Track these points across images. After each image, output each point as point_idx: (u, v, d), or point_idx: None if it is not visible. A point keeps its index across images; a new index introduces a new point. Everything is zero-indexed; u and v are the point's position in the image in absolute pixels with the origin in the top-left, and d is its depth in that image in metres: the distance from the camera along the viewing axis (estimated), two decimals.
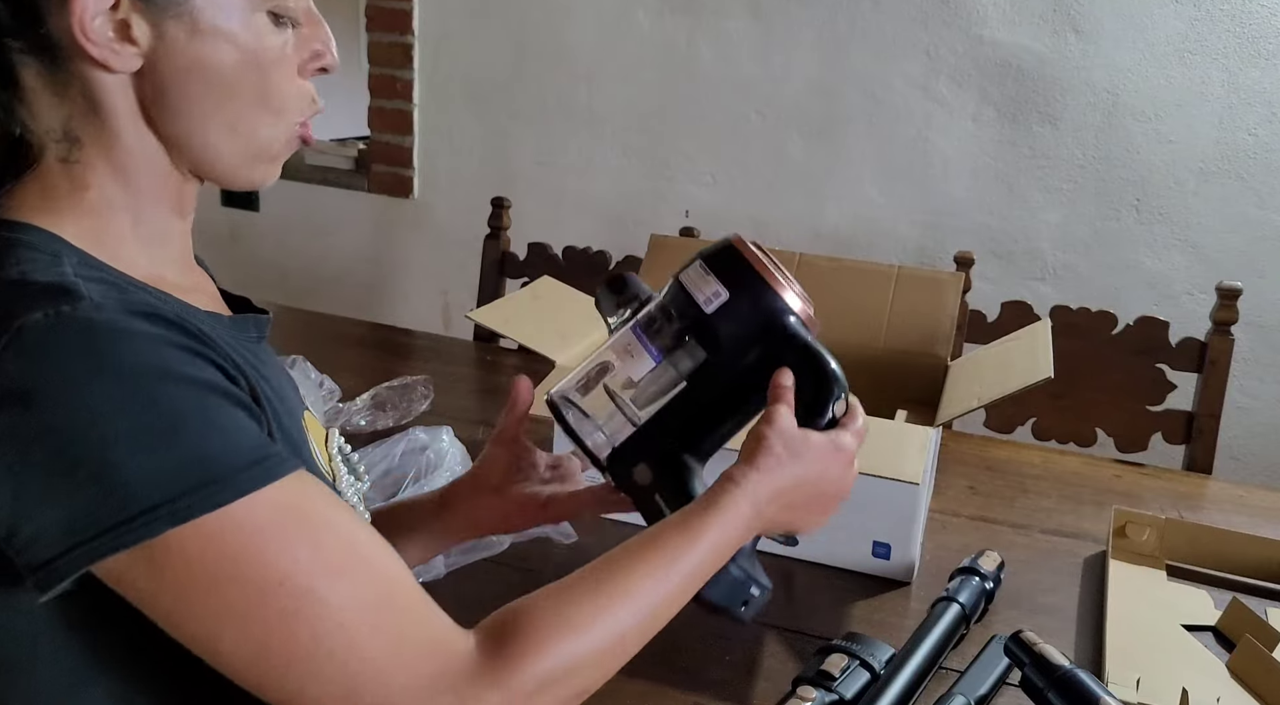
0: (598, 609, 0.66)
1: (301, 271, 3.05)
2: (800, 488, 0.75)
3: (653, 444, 0.76)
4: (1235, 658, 1.04)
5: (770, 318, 0.74)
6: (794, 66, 2.48)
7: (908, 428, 1.19)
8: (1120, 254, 2.34)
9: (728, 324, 0.74)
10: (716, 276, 0.74)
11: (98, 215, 0.64)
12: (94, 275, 0.59)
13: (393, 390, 1.56)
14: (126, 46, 0.61)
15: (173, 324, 0.58)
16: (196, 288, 0.71)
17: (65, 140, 0.63)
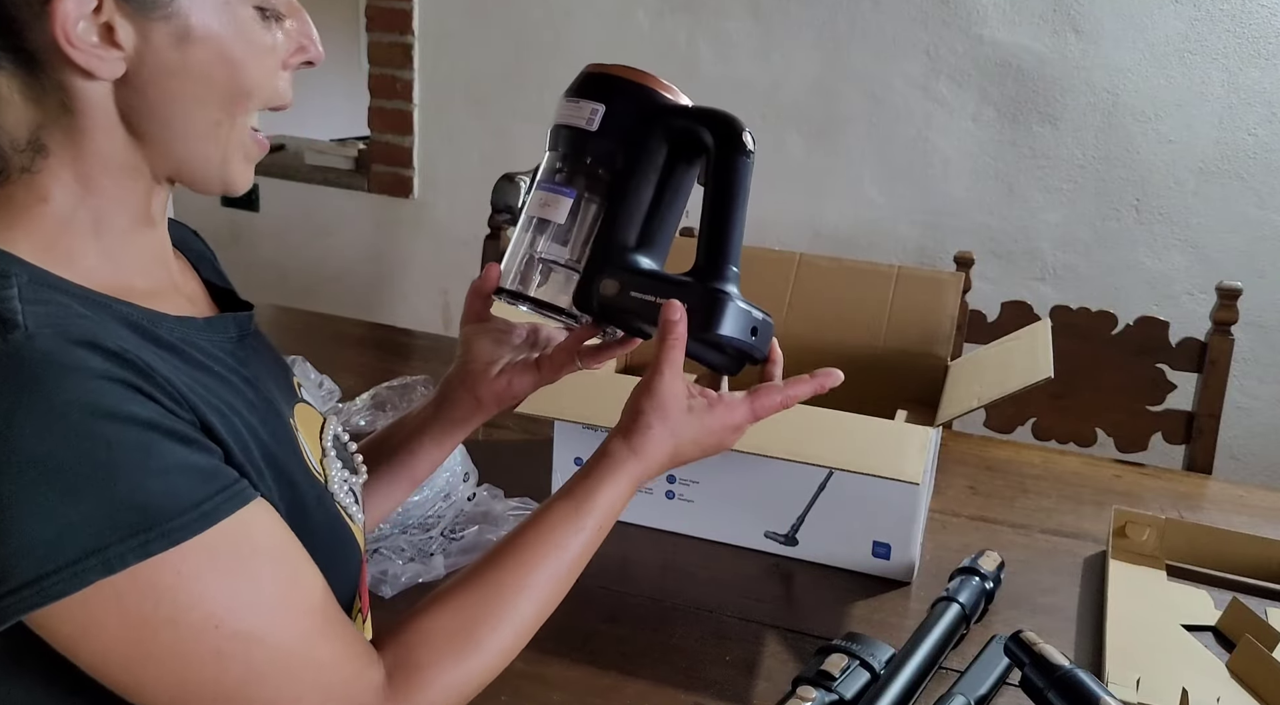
0: (496, 620, 0.68)
1: (301, 271, 3.05)
2: (678, 456, 0.76)
3: (601, 262, 0.76)
4: (1235, 658, 1.04)
5: (648, 101, 0.76)
6: (794, 66, 2.48)
7: (908, 428, 1.19)
8: (1120, 254, 2.34)
9: (616, 128, 0.76)
10: (587, 98, 0.77)
11: (57, 226, 0.62)
12: (41, 297, 0.57)
13: (393, 390, 1.56)
14: (111, 51, 0.59)
15: (113, 355, 0.55)
16: (171, 290, 0.70)
17: (30, 149, 0.61)
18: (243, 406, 0.65)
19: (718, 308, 0.73)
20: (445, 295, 2.91)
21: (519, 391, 0.90)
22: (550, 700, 0.97)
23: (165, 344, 0.62)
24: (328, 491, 0.73)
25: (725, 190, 0.76)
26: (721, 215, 0.75)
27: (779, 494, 1.21)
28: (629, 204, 0.76)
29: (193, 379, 0.62)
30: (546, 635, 1.05)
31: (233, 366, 0.68)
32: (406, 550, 1.17)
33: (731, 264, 0.75)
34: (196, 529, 0.55)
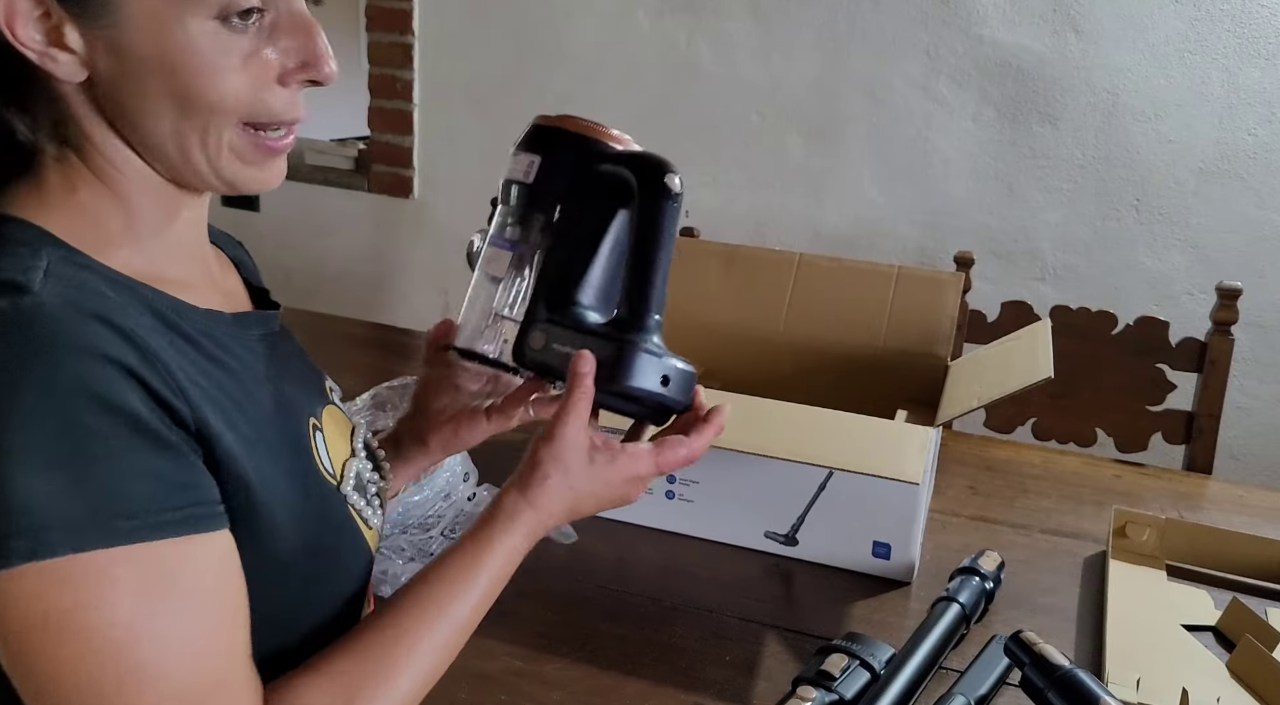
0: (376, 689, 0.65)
1: (302, 271, 3.05)
2: (577, 508, 0.75)
3: (535, 312, 0.76)
4: (1235, 658, 1.04)
5: (582, 150, 0.75)
6: (794, 66, 2.48)
7: (908, 428, 1.19)
8: (1120, 254, 2.34)
9: (550, 179, 0.75)
10: (527, 151, 0.76)
11: (88, 214, 0.63)
12: (67, 273, 0.58)
13: (393, 390, 1.56)
14: (63, 54, 0.60)
15: (120, 332, 0.56)
16: (206, 284, 0.71)
17: (55, 141, 0.63)
18: (249, 402, 0.65)
19: (625, 359, 0.71)
20: (445, 295, 2.91)
21: (466, 440, 0.89)
22: (550, 700, 0.97)
23: (184, 333, 0.63)
24: (339, 493, 0.73)
25: (647, 235, 0.73)
26: (642, 262, 0.73)
27: (779, 494, 1.21)
28: (562, 254, 0.75)
29: (201, 371, 0.62)
30: (546, 635, 1.06)
31: (250, 362, 0.68)
32: (406, 550, 1.17)
33: (652, 313, 0.73)
34: (140, 537, 0.54)
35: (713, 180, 2.61)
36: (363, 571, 0.75)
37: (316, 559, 0.69)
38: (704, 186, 2.61)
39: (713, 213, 2.58)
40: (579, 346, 0.72)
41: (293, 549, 0.66)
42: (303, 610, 0.69)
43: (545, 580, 1.16)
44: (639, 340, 0.72)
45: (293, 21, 0.64)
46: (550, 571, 1.18)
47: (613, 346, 0.71)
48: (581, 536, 1.24)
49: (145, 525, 0.54)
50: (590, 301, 0.76)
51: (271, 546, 0.65)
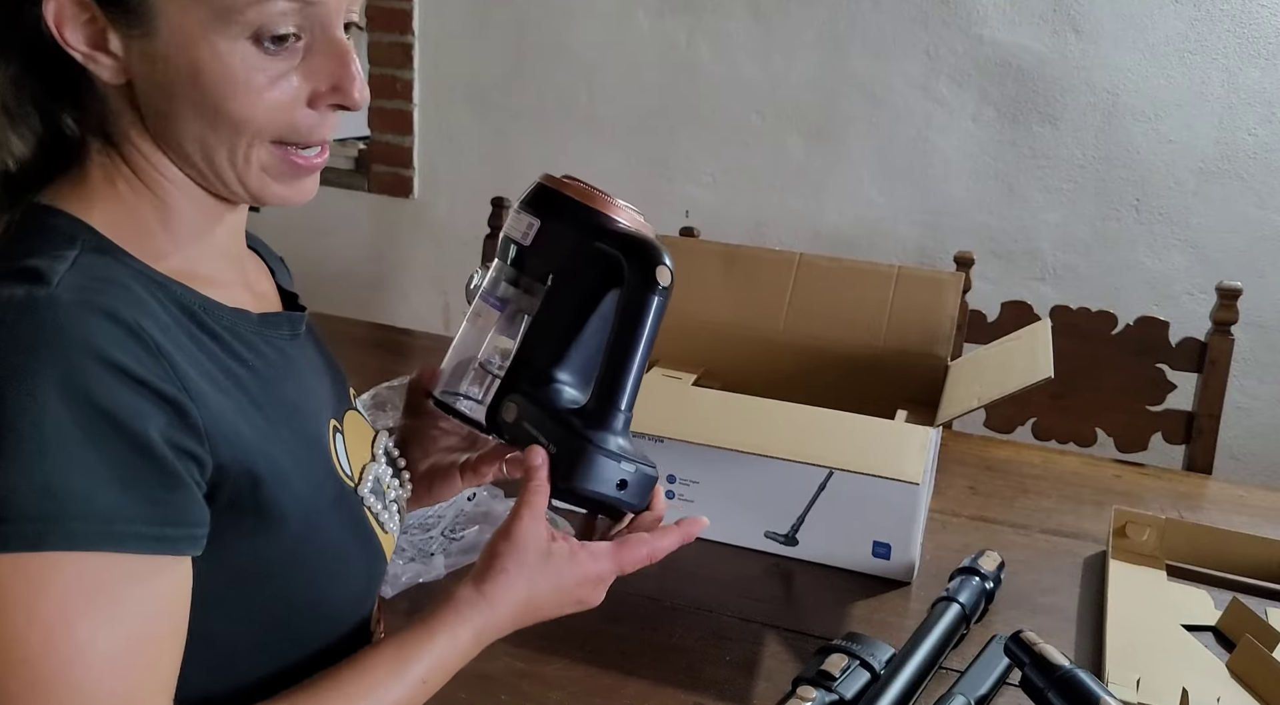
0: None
1: (302, 271, 3.01)
2: (532, 607, 0.71)
3: (514, 381, 0.75)
4: (1235, 658, 1.04)
5: (582, 221, 0.74)
6: (794, 66, 2.48)
7: (908, 428, 1.19)
8: (1120, 254, 2.34)
9: (547, 245, 0.74)
10: (529, 212, 0.75)
11: (128, 209, 0.65)
12: (95, 264, 0.59)
13: (393, 390, 1.56)
14: (105, 57, 0.61)
15: (126, 328, 0.56)
16: (238, 285, 0.71)
17: (100, 137, 0.65)
18: (268, 398, 0.66)
19: (582, 460, 0.69)
20: (445, 295, 2.91)
21: (439, 495, 0.88)
22: (550, 700, 0.97)
23: (209, 329, 0.64)
24: (355, 495, 0.73)
25: (628, 328, 0.70)
26: (619, 356, 0.70)
27: (779, 494, 1.21)
28: (548, 325, 0.74)
29: (220, 367, 0.63)
30: (546, 635, 1.06)
31: (273, 360, 0.69)
32: (407, 550, 1.17)
33: (620, 409, 0.71)
34: (96, 544, 0.53)
35: (713, 180, 2.61)
36: (375, 574, 0.75)
37: (327, 557, 0.69)
38: (704, 186, 2.61)
39: (713, 213, 2.58)
40: (544, 432, 0.71)
41: (304, 544, 0.66)
42: (311, 611, 0.69)
43: None
44: (599, 440, 0.70)
45: (328, 46, 0.64)
46: None
47: (573, 444, 0.70)
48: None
49: (100, 534, 0.54)
50: (570, 378, 0.75)
51: (282, 540, 0.65)
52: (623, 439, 0.71)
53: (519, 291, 0.77)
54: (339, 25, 0.64)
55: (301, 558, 0.67)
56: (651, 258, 0.71)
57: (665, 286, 0.71)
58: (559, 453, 0.70)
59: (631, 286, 0.71)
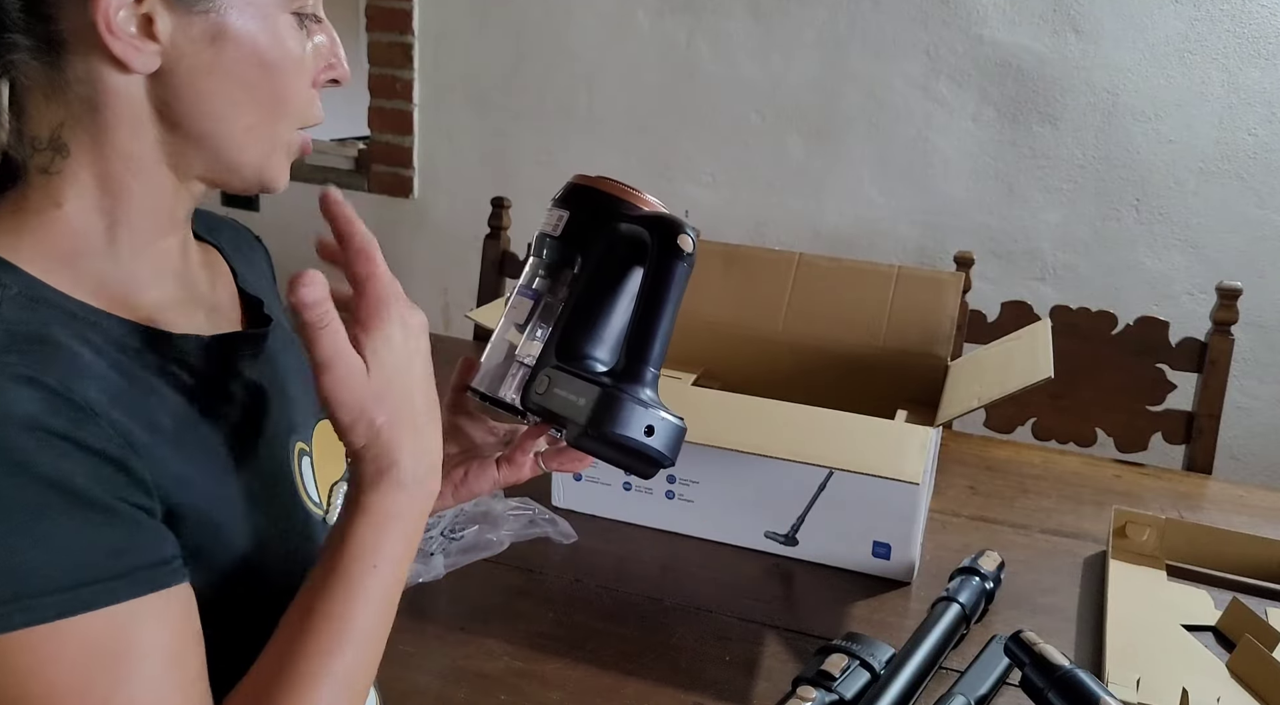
0: None
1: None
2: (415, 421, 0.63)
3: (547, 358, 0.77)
4: (1235, 658, 1.04)
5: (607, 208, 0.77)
6: (794, 66, 2.48)
7: (908, 428, 1.19)
8: (1120, 254, 2.34)
9: (575, 233, 0.77)
10: (559, 206, 0.78)
11: (69, 234, 0.60)
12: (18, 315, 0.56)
13: None
14: (148, 43, 0.58)
15: (52, 394, 0.53)
16: (188, 302, 0.68)
17: (50, 149, 0.60)
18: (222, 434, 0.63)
19: (611, 406, 0.71)
20: (445, 295, 2.91)
21: (475, 489, 0.85)
22: (550, 700, 0.97)
23: (151, 367, 0.61)
24: (324, 524, 0.71)
25: (654, 292, 0.74)
26: (647, 318, 0.74)
27: (779, 494, 1.21)
28: (580, 307, 0.77)
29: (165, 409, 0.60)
30: (546, 635, 1.06)
31: (228, 389, 0.66)
32: None
33: (649, 367, 0.73)
34: (67, 611, 0.52)
35: (713, 180, 2.61)
36: None
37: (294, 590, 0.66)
38: (704, 186, 2.61)
39: (713, 213, 2.58)
40: (577, 392, 0.73)
41: (270, 584, 0.64)
42: None
43: (545, 580, 1.16)
44: (629, 390, 0.72)
45: (319, 26, 0.66)
46: (550, 571, 1.18)
47: (602, 393, 0.72)
48: (581, 536, 1.24)
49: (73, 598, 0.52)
50: (603, 354, 0.77)
51: (247, 583, 0.63)
52: (653, 391, 0.74)
53: (552, 282, 0.79)
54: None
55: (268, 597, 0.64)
56: (674, 227, 0.75)
57: (688, 253, 0.75)
58: (588, 404, 0.72)
59: (656, 255, 0.74)
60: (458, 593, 1.12)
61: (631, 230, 0.76)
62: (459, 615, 1.08)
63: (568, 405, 0.73)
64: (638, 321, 0.74)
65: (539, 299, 0.79)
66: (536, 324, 0.79)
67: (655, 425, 0.72)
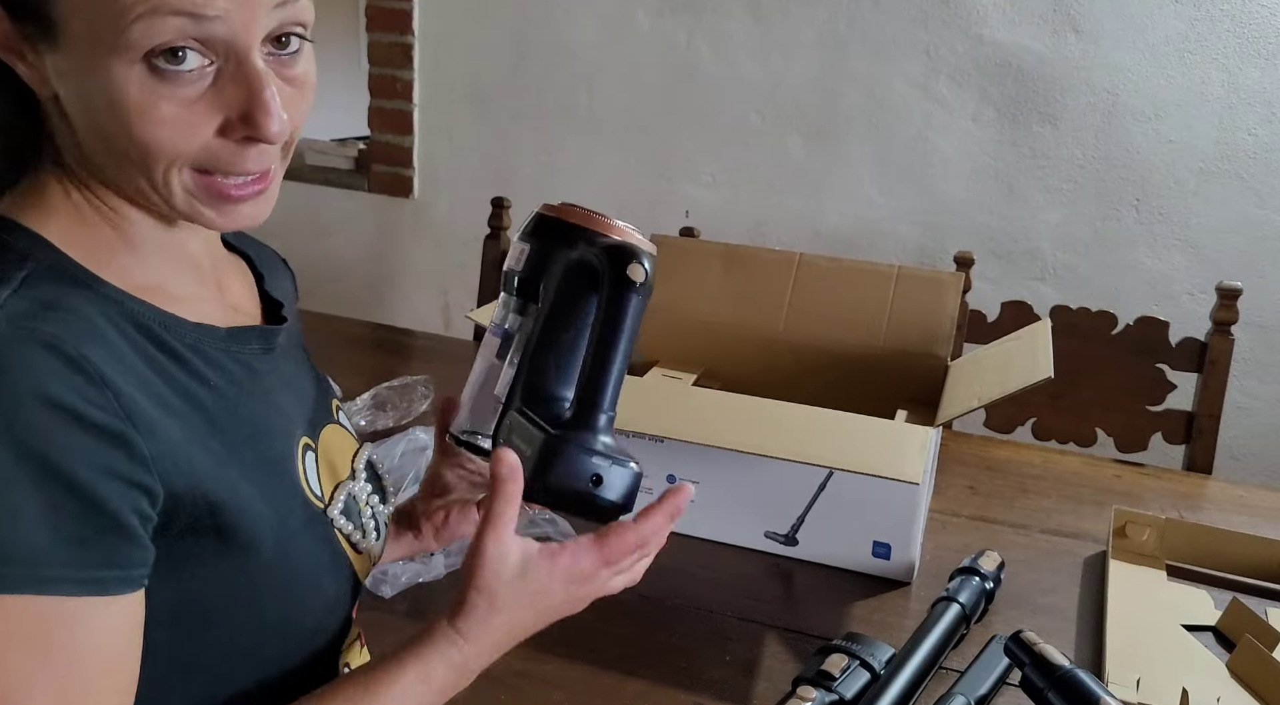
0: None
1: (302, 271, 3.02)
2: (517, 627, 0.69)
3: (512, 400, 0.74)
4: (1235, 658, 1.04)
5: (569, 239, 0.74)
6: (794, 66, 2.48)
7: (908, 428, 1.19)
8: (1120, 254, 2.34)
9: (535, 268, 0.75)
10: (523, 239, 0.76)
11: (86, 225, 0.63)
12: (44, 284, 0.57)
13: (393, 390, 1.56)
14: (27, 68, 0.59)
15: (68, 361, 0.54)
16: (208, 297, 0.69)
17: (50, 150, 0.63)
18: (230, 420, 0.64)
19: (552, 457, 0.68)
20: (445, 295, 2.91)
21: (456, 532, 0.87)
22: (550, 700, 0.97)
23: (168, 348, 0.62)
24: (325, 517, 0.72)
25: (604, 330, 0.70)
26: (597, 358, 0.70)
27: (779, 494, 1.21)
28: (542, 345, 0.74)
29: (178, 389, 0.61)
30: (546, 635, 1.06)
31: (240, 379, 0.67)
32: None
33: (601, 411, 0.70)
34: (22, 587, 0.52)
35: (712, 180, 2.61)
36: (345, 597, 0.74)
37: (292, 581, 0.68)
38: (704, 186, 2.61)
39: (713, 213, 2.58)
40: (527, 441, 0.70)
41: (267, 568, 0.65)
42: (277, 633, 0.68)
43: None
44: (577, 437, 0.69)
45: (237, 71, 0.59)
46: None
47: (544, 444, 0.69)
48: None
49: (26, 578, 0.52)
50: (568, 392, 0.74)
51: (245, 564, 0.63)
52: (605, 436, 0.71)
53: (520, 317, 0.77)
54: (252, 46, 0.59)
55: (266, 581, 0.65)
56: (626, 256, 0.71)
57: (639, 283, 0.70)
58: (532, 453, 0.69)
59: (607, 286, 0.71)
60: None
61: (587, 260, 0.73)
62: None
63: (520, 454, 0.70)
64: (589, 362, 0.71)
65: (508, 337, 0.77)
66: (509, 363, 0.77)
67: (604, 474, 0.69)
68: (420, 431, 1.34)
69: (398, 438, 1.33)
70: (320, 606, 0.71)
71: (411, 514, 0.89)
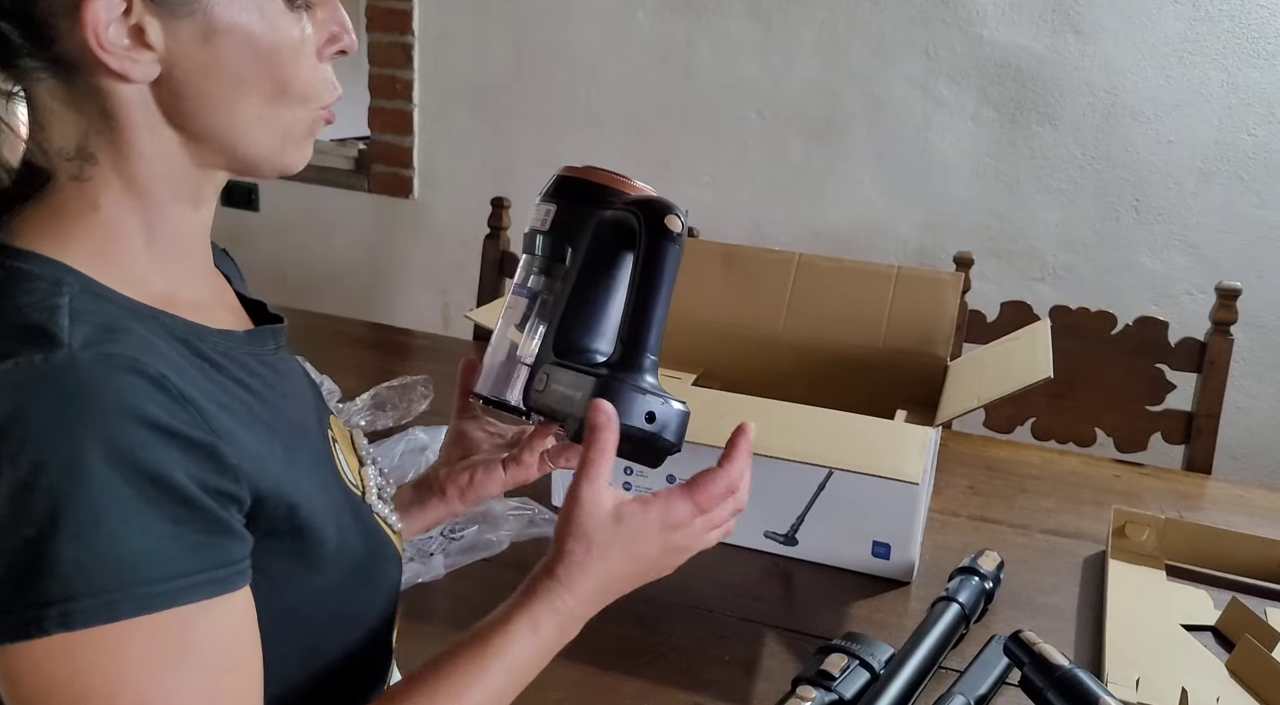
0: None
1: (301, 271, 3.05)
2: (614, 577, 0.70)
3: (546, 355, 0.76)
4: (1235, 658, 1.04)
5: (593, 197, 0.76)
6: (794, 66, 2.48)
7: (908, 428, 1.19)
8: (1120, 254, 2.35)
9: (563, 226, 0.76)
10: (546, 200, 0.77)
11: (108, 235, 0.62)
12: (90, 308, 0.57)
13: (393, 390, 1.56)
14: (143, 52, 0.59)
15: (152, 381, 0.55)
16: (217, 301, 0.70)
17: (78, 158, 0.61)
18: (278, 421, 0.65)
19: (605, 394, 0.70)
20: (445, 295, 2.91)
21: (483, 492, 0.88)
22: (550, 699, 0.97)
23: (209, 358, 0.62)
24: (365, 504, 0.73)
25: (646, 276, 0.72)
26: (640, 303, 0.72)
27: (779, 494, 1.21)
28: (574, 300, 0.75)
29: (232, 397, 0.61)
30: None
31: (270, 381, 0.67)
32: (407, 550, 1.17)
33: (647, 353, 0.72)
34: (164, 603, 0.53)
35: (713, 180, 2.61)
36: (397, 577, 0.75)
37: (359, 570, 0.69)
38: (704, 186, 2.62)
39: (713, 213, 2.58)
40: (574, 386, 0.71)
41: (338, 563, 0.66)
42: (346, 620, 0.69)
43: None
44: (627, 377, 0.71)
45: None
46: None
47: (598, 383, 0.71)
48: None
49: (166, 592, 0.53)
50: (602, 346, 0.76)
51: (315, 563, 0.64)
52: (651, 377, 0.72)
53: (545, 278, 0.78)
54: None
55: (334, 575, 0.66)
56: (662, 209, 0.73)
57: (677, 234, 0.73)
58: (584, 396, 0.70)
59: (646, 238, 0.73)
60: (458, 593, 1.12)
61: (619, 216, 0.74)
62: (459, 615, 1.08)
63: (566, 400, 0.71)
64: (632, 308, 0.73)
65: (535, 297, 0.78)
66: (535, 322, 0.78)
67: (656, 411, 0.71)
68: (420, 431, 1.34)
69: (397, 437, 1.33)
70: (380, 592, 0.72)
71: (434, 479, 0.89)
